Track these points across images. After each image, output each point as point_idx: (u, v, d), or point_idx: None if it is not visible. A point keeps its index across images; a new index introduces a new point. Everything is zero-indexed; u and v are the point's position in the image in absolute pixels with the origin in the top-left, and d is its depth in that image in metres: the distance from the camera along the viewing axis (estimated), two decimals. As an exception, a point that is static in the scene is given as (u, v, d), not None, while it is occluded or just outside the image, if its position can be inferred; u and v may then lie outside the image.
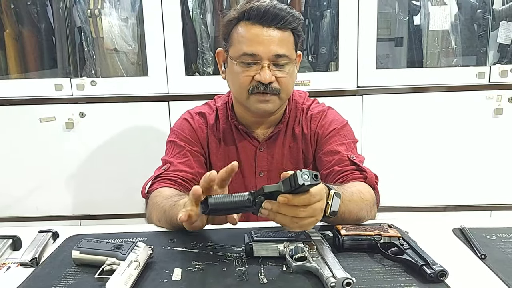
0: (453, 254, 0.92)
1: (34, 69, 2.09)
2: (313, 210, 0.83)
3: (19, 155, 1.99)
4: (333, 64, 2.04)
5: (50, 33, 2.09)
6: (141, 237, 1.01)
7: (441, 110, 1.96)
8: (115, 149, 1.99)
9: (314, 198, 0.82)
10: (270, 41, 1.14)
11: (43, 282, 0.84)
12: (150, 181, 1.21)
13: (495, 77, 1.94)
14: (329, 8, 2.01)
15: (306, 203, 0.82)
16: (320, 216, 0.87)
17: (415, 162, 2.01)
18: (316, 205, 0.84)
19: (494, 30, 2.04)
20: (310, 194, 0.82)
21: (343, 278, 0.77)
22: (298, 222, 0.84)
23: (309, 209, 0.83)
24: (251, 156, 1.30)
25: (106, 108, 1.96)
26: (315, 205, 0.83)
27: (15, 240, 0.98)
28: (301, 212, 0.82)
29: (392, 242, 0.91)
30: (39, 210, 2.03)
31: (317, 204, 0.84)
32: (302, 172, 0.78)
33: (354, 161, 1.18)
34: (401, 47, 2.14)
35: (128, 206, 1.89)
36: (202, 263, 0.89)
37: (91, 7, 1.98)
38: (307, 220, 0.84)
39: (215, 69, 2.04)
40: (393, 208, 1.96)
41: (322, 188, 0.85)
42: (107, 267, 0.84)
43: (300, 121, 1.31)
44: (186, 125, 1.31)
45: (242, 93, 1.20)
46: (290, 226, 0.85)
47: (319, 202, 0.84)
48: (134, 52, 2.05)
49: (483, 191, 2.02)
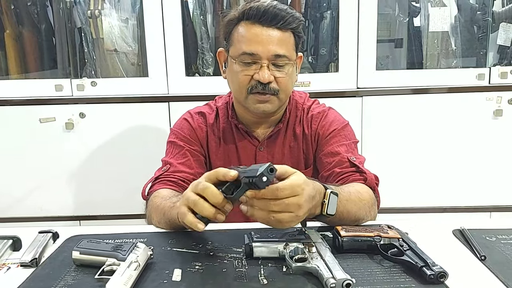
0: (453, 255, 0.92)
1: (34, 70, 2.10)
2: (285, 205, 0.83)
3: (19, 155, 1.99)
4: (333, 65, 2.04)
5: (50, 34, 2.09)
6: (141, 238, 1.01)
7: (441, 111, 1.97)
8: (115, 150, 2.00)
9: (281, 192, 0.82)
10: (270, 41, 1.15)
11: (43, 283, 0.84)
12: (150, 182, 1.21)
13: (495, 78, 1.94)
14: (329, 9, 2.02)
15: (273, 196, 0.83)
16: (301, 212, 0.85)
17: (415, 164, 2.01)
18: (290, 200, 0.83)
19: (494, 32, 2.05)
20: (276, 187, 0.82)
21: (343, 279, 0.77)
22: (275, 216, 0.84)
23: (280, 203, 0.83)
24: (251, 156, 1.30)
25: (106, 109, 1.96)
26: (288, 200, 0.83)
27: (15, 241, 0.98)
28: (272, 206, 0.83)
29: (392, 243, 0.91)
30: (39, 210, 2.03)
31: (292, 199, 0.83)
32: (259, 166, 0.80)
33: (354, 162, 1.18)
34: (401, 48, 2.15)
35: (128, 206, 1.89)
36: (202, 264, 0.89)
37: (91, 8, 1.98)
38: (282, 214, 0.84)
39: (215, 70, 2.04)
40: (393, 209, 1.96)
41: (298, 185, 0.84)
42: (107, 268, 0.84)
43: (301, 121, 1.31)
44: (186, 125, 1.31)
45: (241, 92, 1.20)
46: (267, 221, 0.86)
47: (294, 197, 0.83)
48: (134, 53, 2.05)
49: (483, 192, 2.02)
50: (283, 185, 0.83)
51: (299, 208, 0.85)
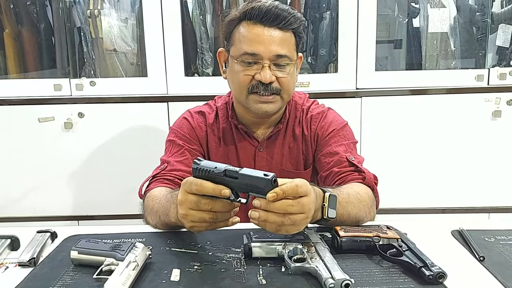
0: (452, 256, 0.92)
1: (33, 69, 2.09)
2: (301, 205, 0.83)
3: (18, 155, 1.99)
4: (333, 66, 2.04)
5: (50, 33, 2.09)
6: (140, 238, 1.01)
7: (439, 112, 1.97)
8: (114, 150, 1.99)
9: (300, 188, 0.82)
10: (271, 41, 1.14)
11: (41, 282, 0.84)
12: (147, 181, 1.21)
13: (493, 79, 1.94)
14: (329, 10, 2.02)
15: (294, 194, 0.82)
16: (310, 214, 0.85)
17: (414, 164, 2.01)
18: (304, 200, 0.83)
19: (493, 33, 2.05)
20: (295, 184, 0.82)
21: (342, 280, 0.77)
22: (290, 218, 0.82)
23: (297, 203, 0.82)
24: (251, 156, 1.30)
25: (105, 109, 1.96)
26: (302, 200, 0.83)
27: (13, 240, 0.97)
28: (290, 207, 0.82)
29: (391, 243, 0.92)
30: (37, 210, 2.03)
31: (305, 199, 0.83)
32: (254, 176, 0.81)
33: (352, 162, 1.18)
34: (400, 49, 2.15)
35: (127, 206, 1.89)
36: (201, 264, 0.89)
37: (91, 8, 1.98)
38: (297, 216, 0.83)
39: (215, 70, 2.04)
40: (392, 210, 1.96)
41: (305, 184, 0.84)
42: (106, 268, 0.83)
43: (300, 121, 1.31)
44: (185, 124, 1.31)
45: (241, 92, 1.20)
46: (280, 226, 0.83)
47: (306, 197, 0.83)
48: (134, 52, 2.05)
49: (481, 193, 2.02)
50: (300, 182, 0.83)
51: (309, 209, 0.85)
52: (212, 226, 0.91)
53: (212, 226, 0.91)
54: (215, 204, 0.87)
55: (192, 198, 0.87)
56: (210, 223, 0.89)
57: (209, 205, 0.87)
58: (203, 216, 0.88)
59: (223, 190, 0.84)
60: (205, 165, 0.87)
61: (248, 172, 0.83)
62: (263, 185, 0.81)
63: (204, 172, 0.87)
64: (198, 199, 0.87)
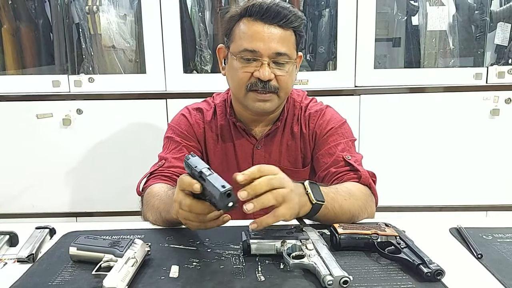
0: (450, 253, 0.92)
1: (31, 65, 2.09)
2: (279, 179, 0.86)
3: (16, 151, 1.98)
4: (331, 64, 2.04)
5: (48, 29, 2.08)
6: (139, 234, 1.01)
7: (438, 110, 1.97)
8: (112, 146, 1.99)
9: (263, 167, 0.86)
10: (271, 39, 1.14)
11: (40, 278, 0.84)
12: (144, 177, 1.21)
13: (492, 78, 1.94)
14: (328, 8, 2.02)
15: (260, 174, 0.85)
16: (291, 185, 0.88)
17: (412, 162, 2.01)
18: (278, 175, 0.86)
19: (492, 31, 2.05)
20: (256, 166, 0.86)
21: (340, 276, 0.77)
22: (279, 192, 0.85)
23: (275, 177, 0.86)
24: (248, 154, 1.30)
25: (104, 105, 1.96)
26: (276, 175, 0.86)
27: (12, 236, 0.97)
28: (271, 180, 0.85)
29: (389, 241, 0.92)
30: (35, 207, 2.02)
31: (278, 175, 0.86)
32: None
33: (349, 161, 1.18)
34: (399, 47, 2.15)
35: (125, 203, 1.88)
36: (200, 261, 0.89)
37: (89, 4, 1.97)
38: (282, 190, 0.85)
39: (213, 67, 2.04)
40: (390, 208, 1.97)
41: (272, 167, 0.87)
42: (105, 264, 0.83)
43: (299, 119, 1.30)
44: (183, 120, 1.31)
45: (240, 89, 1.20)
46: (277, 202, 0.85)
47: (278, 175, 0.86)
48: (132, 49, 2.04)
49: (479, 191, 2.03)
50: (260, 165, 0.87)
51: (288, 181, 0.88)
52: (201, 225, 0.92)
53: (202, 226, 0.92)
54: (196, 206, 0.87)
55: (180, 196, 0.89)
56: (198, 222, 0.90)
57: (189, 207, 0.88)
58: (188, 216, 0.90)
59: (194, 185, 0.84)
60: (191, 162, 0.87)
61: (213, 179, 0.81)
62: (217, 195, 0.78)
63: (189, 169, 0.88)
64: (183, 199, 0.88)
